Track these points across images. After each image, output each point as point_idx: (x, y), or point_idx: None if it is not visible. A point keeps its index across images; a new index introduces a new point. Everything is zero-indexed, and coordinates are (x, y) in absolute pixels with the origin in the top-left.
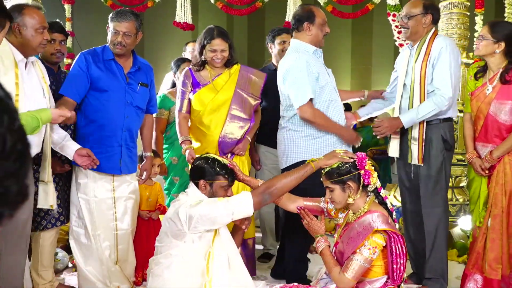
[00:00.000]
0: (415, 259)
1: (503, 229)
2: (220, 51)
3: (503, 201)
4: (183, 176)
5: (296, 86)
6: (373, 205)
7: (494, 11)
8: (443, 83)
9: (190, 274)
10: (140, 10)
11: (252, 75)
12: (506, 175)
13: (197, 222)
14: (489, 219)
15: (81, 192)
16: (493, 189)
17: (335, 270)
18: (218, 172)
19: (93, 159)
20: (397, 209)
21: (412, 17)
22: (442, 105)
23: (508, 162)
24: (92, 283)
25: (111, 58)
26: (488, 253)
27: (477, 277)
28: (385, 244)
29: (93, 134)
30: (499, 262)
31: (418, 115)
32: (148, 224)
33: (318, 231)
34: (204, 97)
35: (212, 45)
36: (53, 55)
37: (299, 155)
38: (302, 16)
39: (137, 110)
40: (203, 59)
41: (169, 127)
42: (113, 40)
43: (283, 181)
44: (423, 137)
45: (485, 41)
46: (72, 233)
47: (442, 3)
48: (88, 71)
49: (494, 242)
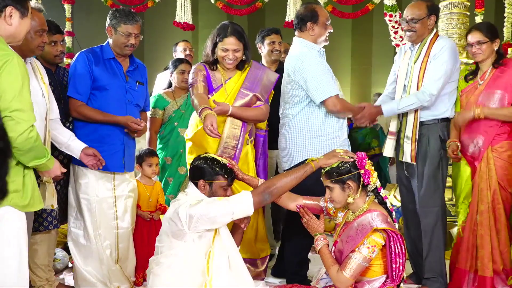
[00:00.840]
0: (414, 258)
1: (491, 224)
2: (233, 51)
3: (488, 196)
4: (176, 177)
5: (319, 78)
6: (372, 204)
7: (494, 11)
8: (430, 80)
9: (191, 273)
10: (140, 10)
11: (264, 73)
12: (490, 171)
13: (197, 221)
14: (477, 215)
15: (82, 192)
16: (478, 185)
17: (333, 268)
18: (217, 172)
19: (99, 159)
20: (397, 209)
21: (419, 21)
22: (424, 100)
23: (492, 157)
24: (92, 284)
25: (111, 57)
26: (479, 250)
27: (472, 276)
28: (384, 243)
29: (94, 133)
30: (490, 258)
31: (399, 106)
32: (149, 224)
33: (317, 230)
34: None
35: (224, 44)
36: (56, 57)
37: (303, 153)
38: (306, 15)
39: (136, 108)
40: (215, 58)
41: (163, 127)
42: (125, 42)
43: (283, 180)
44: (416, 136)
45: (484, 45)
46: (71, 235)
47: (442, 3)
48: (91, 71)
49: (483, 239)
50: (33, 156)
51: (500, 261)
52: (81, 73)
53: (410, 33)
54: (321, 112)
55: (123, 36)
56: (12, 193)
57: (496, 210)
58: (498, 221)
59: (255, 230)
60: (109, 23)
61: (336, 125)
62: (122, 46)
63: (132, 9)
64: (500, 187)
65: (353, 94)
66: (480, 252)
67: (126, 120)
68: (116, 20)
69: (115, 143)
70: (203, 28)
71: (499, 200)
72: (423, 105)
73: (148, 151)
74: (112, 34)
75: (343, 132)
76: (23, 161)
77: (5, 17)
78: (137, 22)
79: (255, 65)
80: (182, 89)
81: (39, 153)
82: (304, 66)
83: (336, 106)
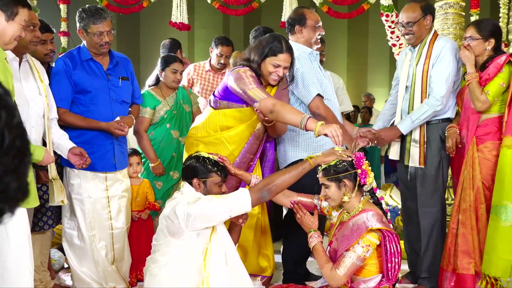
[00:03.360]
0: (412, 258)
1: (472, 223)
2: (284, 68)
3: (471, 195)
4: (166, 181)
5: (306, 81)
6: (367, 204)
7: (489, 11)
8: (437, 83)
9: (188, 271)
10: (135, 10)
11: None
12: (474, 170)
13: (194, 219)
14: (459, 214)
15: (75, 193)
16: (461, 184)
17: (327, 266)
18: (210, 170)
19: (86, 158)
20: (393, 209)
21: (415, 23)
22: (435, 105)
23: (477, 157)
24: (88, 284)
25: (89, 58)
26: (459, 248)
27: (449, 274)
28: (379, 242)
29: (82, 135)
30: (471, 257)
31: (413, 118)
32: (139, 224)
33: (311, 226)
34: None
35: (278, 60)
36: (46, 55)
37: (298, 153)
38: (294, 19)
39: (123, 104)
40: (258, 72)
41: (152, 128)
42: (99, 42)
43: (282, 178)
44: (424, 139)
45: (475, 41)
46: (65, 235)
47: (438, 3)
48: (70, 76)
49: (464, 237)
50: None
51: (479, 261)
52: (59, 80)
53: (408, 36)
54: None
55: (95, 36)
56: None
57: (478, 210)
58: (479, 221)
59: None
60: (78, 26)
61: None
62: (97, 46)
63: (127, 9)
64: (484, 187)
65: (349, 94)
66: (460, 250)
67: (108, 127)
68: (84, 21)
69: (104, 143)
70: (199, 28)
71: (481, 199)
72: (436, 110)
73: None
74: (84, 36)
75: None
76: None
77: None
78: (106, 19)
79: (285, 82)
80: (170, 88)
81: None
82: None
83: (318, 109)
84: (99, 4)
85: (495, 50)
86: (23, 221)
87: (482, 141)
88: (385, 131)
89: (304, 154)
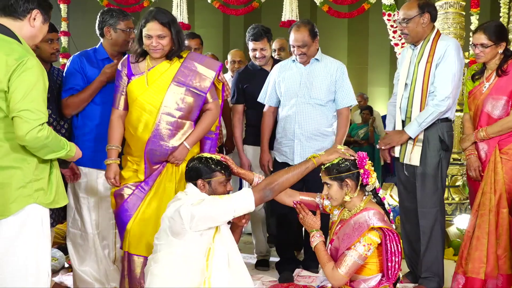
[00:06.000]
0: (411, 257)
1: (491, 228)
2: (156, 37)
3: (492, 200)
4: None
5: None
6: (369, 203)
7: (490, 11)
8: (442, 83)
9: (190, 271)
10: (136, 10)
11: (199, 64)
12: (497, 174)
13: (199, 220)
14: (477, 218)
15: (82, 191)
16: (482, 189)
17: (328, 265)
18: (214, 169)
19: (75, 173)
20: (393, 208)
21: (410, 20)
22: (441, 106)
23: (500, 161)
24: (89, 284)
25: (105, 57)
26: (472, 252)
27: (459, 277)
28: (380, 241)
29: (91, 132)
30: (483, 261)
31: (419, 120)
32: None
33: (313, 226)
34: (135, 89)
35: (147, 30)
36: (52, 55)
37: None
38: None
39: None
40: (143, 49)
41: None
42: (127, 38)
43: (285, 176)
44: (422, 138)
45: (488, 48)
46: (69, 235)
47: (438, 3)
48: (84, 72)
49: (479, 241)
50: (49, 151)
51: (495, 264)
52: (73, 73)
53: (404, 35)
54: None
55: (125, 32)
56: (38, 191)
57: (500, 214)
58: (500, 226)
59: None
60: (106, 24)
61: (279, 127)
62: (124, 42)
63: (127, 9)
64: (508, 190)
65: None
66: (473, 254)
67: (102, 73)
68: (114, 19)
69: None
70: (199, 28)
71: (504, 204)
72: (441, 111)
73: None
74: (111, 34)
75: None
76: (40, 156)
77: (29, 19)
78: (131, 18)
79: (190, 55)
80: None
81: (55, 148)
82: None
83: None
84: (100, 4)
85: (504, 51)
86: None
87: (505, 143)
88: (395, 133)
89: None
